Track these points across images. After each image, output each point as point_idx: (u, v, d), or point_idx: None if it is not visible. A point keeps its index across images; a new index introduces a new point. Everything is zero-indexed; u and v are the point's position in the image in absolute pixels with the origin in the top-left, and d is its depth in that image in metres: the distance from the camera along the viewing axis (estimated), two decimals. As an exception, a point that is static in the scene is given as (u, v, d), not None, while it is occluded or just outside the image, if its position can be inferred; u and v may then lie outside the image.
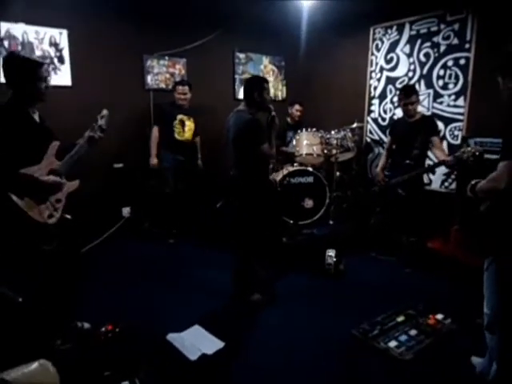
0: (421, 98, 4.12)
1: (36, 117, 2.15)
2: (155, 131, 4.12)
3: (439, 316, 2.66)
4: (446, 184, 4.06)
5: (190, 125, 4.18)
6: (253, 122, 2.68)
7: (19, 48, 3.53)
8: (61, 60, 3.78)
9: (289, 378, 2.15)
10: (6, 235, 1.97)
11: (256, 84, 2.77)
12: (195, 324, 2.58)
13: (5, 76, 2.06)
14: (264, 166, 2.91)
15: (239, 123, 2.72)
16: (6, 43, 3.46)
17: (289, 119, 4.73)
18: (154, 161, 4.09)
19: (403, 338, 2.43)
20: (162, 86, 4.48)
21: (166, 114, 4.13)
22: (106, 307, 2.72)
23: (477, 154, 2.76)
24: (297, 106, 4.68)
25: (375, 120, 4.78)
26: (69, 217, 2.23)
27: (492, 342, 1.94)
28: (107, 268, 3.43)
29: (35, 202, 2.04)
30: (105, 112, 2.34)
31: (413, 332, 2.49)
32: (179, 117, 4.11)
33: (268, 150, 2.75)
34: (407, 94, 3.40)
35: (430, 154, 3.59)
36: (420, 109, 3.92)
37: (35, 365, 1.37)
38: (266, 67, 5.31)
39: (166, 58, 4.46)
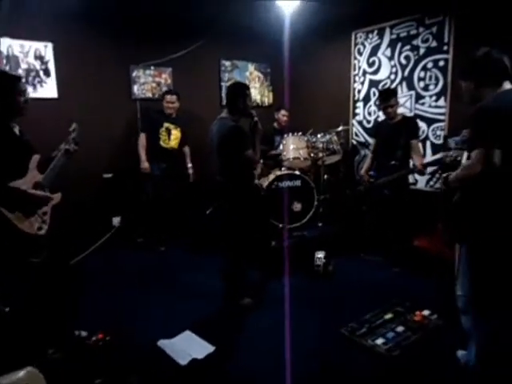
0: (403, 99, 4.22)
1: (16, 130, 2.17)
2: (142, 138, 4.15)
3: (426, 312, 2.71)
4: (431, 183, 4.14)
5: (176, 134, 4.21)
6: (236, 129, 2.72)
7: (4, 62, 3.56)
8: (46, 73, 3.81)
9: (279, 381, 2.16)
10: None
11: (238, 91, 2.81)
12: (186, 329, 2.60)
13: None
14: (249, 172, 2.95)
15: (222, 130, 2.76)
16: (-10, 58, 3.49)
17: (275, 124, 4.79)
18: (144, 165, 4.10)
19: (390, 334, 2.48)
20: (149, 95, 4.53)
21: (153, 121, 4.17)
22: (96, 315, 2.72)
23: (458, 159, 2.85)
24: (283, 112, 4.73)
25: (360, 122, 4.86)
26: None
27: (468, 324, 2.00)
28: (97, 277, 3.43)
29: (24, 216, 2.06)
30: (74, 125, 2.42)
31: (400, 329, 2.54)
32: (166, 125, 4.15)
33: (252, 156, 2.79)
34: (385, 98, 3.49)
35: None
36: (402, 110, 4.01)
37: (22, 372, 1.40)
38: (252, 74, 5.38)
39: (152, 67, 4.51)
